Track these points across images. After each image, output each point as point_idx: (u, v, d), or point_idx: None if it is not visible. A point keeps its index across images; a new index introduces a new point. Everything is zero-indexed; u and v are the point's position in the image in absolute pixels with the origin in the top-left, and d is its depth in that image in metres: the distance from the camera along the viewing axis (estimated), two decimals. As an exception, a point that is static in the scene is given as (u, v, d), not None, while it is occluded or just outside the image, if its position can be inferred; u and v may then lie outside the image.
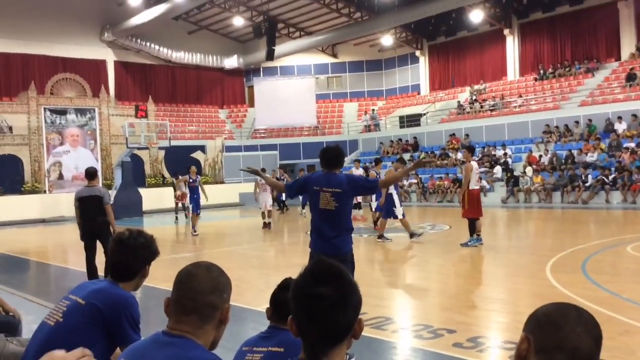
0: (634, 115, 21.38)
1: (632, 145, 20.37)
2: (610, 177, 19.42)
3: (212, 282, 1.87)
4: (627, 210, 17.75)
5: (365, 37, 33.65)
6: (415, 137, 28.83)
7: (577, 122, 23.12)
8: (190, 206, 16.07)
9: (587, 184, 19.78)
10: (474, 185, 10.98)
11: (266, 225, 16.09)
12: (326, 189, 4.81)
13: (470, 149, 11.42)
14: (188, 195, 16.72)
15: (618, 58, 26.33)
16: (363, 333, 1.53)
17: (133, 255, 2.81)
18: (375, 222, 14.45)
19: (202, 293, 1.84)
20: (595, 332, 1.37)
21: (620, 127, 21.61)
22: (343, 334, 1.46)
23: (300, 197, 21.49)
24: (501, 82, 30.02)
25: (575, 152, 21.50)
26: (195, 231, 15.20)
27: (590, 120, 22.69)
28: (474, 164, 11.08)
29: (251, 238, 14.46)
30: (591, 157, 20.93)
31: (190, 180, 15.75)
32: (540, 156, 22.57)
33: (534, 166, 22.03)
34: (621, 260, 9.26)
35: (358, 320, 1.48)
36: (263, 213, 16.25)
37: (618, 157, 20.24)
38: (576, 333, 1.35)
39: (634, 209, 17.65)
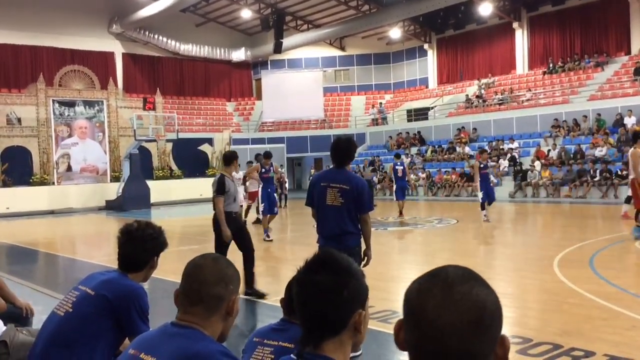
0: (644, 110, 21.22)
1: (642, 140, 20.20)
2: (615, 171, 19.35)
3: (218, 273, 1.88)
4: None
5: (373, 30, 33.53)
6: (419, 131, 28.79)
7: (585, 117, 22.98)
8: (262, 205, 12.70)
9: (595, 179, 19.70)
10: None
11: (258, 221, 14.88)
12: (333, 184, 4.81)
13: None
14: (260, 189, 13.15)
15: (628, 52, 26.10)
16: (369, 326, 1.52)
17: (141, 246, 2.83)
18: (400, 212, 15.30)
19: (207, 284, 1.85)
20: (472, 313, 1.02)
21: (630, 121, 21.45)
22: (336, 324, 1.43)
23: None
24: (510, 75, 29.85)
25: (584, 146, 21.39)
26: (268, 236, 12.18)
27: (599, 114, 22.54)
28: None
29: (258, 230, 14.48)
30: (600, 152, 20.82)
31: (263, 170, 12.72)
32: (549, 151, 22.47)
33: (542, 160, 21.94)
34: (629, 256, 9.23)
35: (359, 312, 1.44)
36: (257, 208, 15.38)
37: (627, 151, 20.08)
38: (436, 325, 1.01)
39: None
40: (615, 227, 13.20)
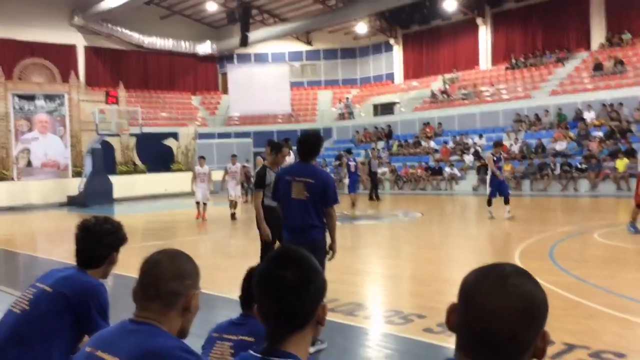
0: (603, 105, 21.79)
1: (600, 134, 20.76)
2: (574, 165, 19.84)
3: (176, 269, 1.85)
4: (594, 197, 18.12)
5: (340, 25, 33.56)
6: (389, 126, 28.96)
7: (546, 111, 23.46)
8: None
9: (555, 172, 20.17)
10: None
11: (232, 216, 15.47)
12: (298, 178, 4.81)
13: None
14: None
15: (588, 48, 26.74)
16: (335, 319, 1.53)
17: (99, 241, 2.77)
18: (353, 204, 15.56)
19: (164, 280, 1.82)
20: (521, 302, 1.12)
21: (589, 116, 22.00)
22: (303, 319, 1.44)
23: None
24: (474, 71, 30.26)
25: (545, 140, 21.85)
26: None
27: (560, 109, 23.04)
28: None
29: (224, 226, 14.39)
30: (560, 146, 21.29)
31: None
32: (511, 145, 22.87)
33: (505, 155, 22.29)
34: (588, 247, 9.47)
35: (322, 306, 1.47)
36: (231, 202, 15.84)
37: (586, 145, 20.62)
38: (488, 310, 1.11)
39: (602, 196, 18.03)
40: (575, 219, 13.54)
